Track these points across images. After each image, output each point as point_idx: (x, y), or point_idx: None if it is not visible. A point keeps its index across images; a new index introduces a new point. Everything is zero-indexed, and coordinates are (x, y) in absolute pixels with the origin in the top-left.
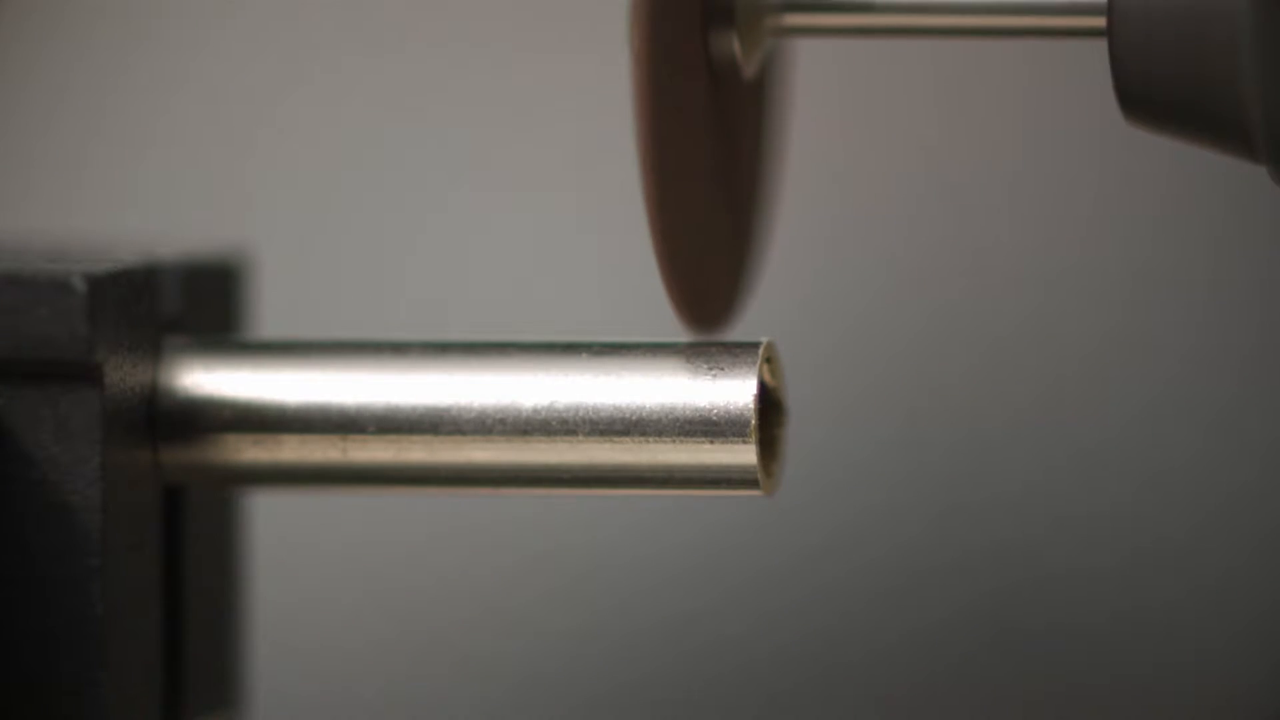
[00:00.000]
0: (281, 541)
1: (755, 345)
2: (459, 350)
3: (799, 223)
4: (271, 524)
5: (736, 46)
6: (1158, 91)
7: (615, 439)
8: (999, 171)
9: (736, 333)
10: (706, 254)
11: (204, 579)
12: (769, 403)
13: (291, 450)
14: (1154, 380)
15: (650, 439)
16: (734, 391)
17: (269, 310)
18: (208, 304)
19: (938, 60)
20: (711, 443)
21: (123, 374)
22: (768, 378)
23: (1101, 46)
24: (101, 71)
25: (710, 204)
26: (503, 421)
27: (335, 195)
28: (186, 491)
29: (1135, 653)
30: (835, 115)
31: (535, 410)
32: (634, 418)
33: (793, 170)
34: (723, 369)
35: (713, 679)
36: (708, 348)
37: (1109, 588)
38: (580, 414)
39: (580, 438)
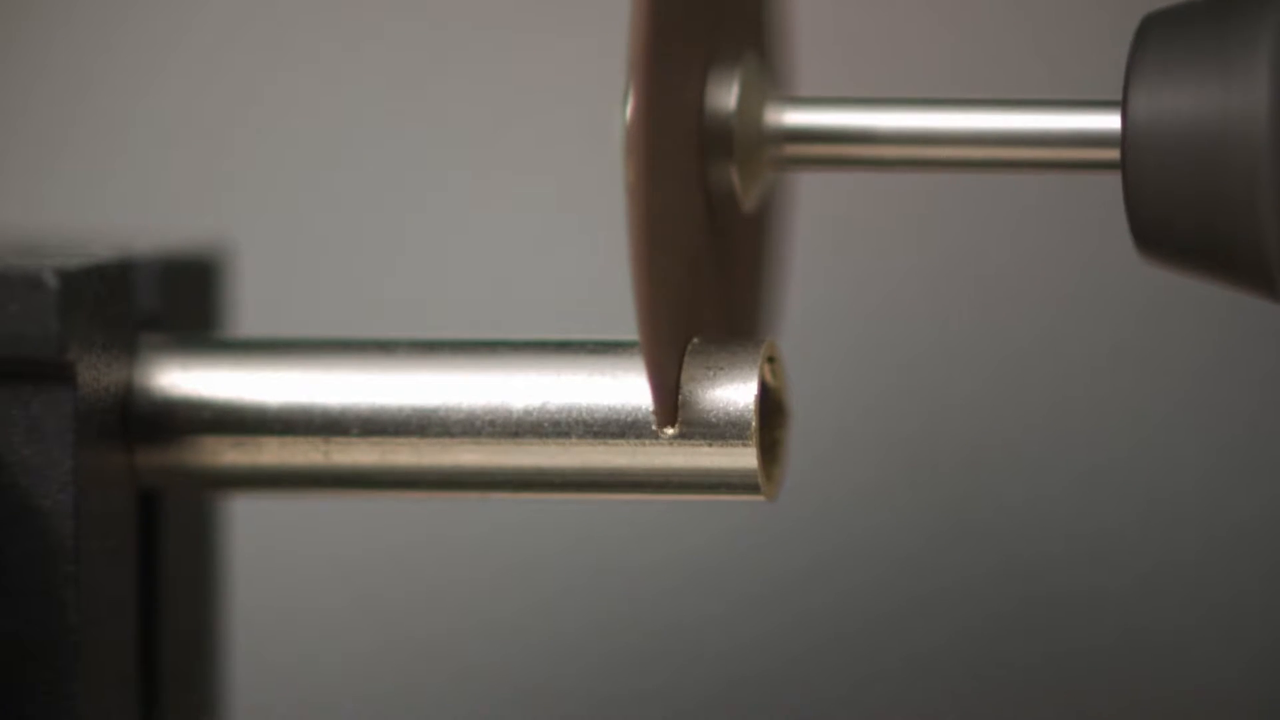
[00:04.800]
0: (262, 547)
1: (757, 345)
2: (447, 349)
3: (805, 235)
4: (252, 529)
5: (735, 179)
6: (1173, 226)
7: (610, 441)
8: (1008, 186)
9: None
10: None
11: (181, 586)
12: (771, 404)
13: (272, 453)
14: (1164, 399)
15: (647, 441)
16: (734, 392)
17: (249, 308)
18: (185, 301)
19: (952, 67)
20: (710, 445)
21: (97, 373)
22: (769, 378)
23: (1116, 181)
24: (79, 59)
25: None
26: (493, 423)
27: (318, 188)
28: (163, 496)
29: (1143, 674)
30: (844, 65)
31: (527, 411)
32: (630, 419)
33: (801, 73)
34: (722, 369)
35: (710, 693)
36: (707, 347)
37: (1117, 608)
38: (574, 415)
39: (574, 440)
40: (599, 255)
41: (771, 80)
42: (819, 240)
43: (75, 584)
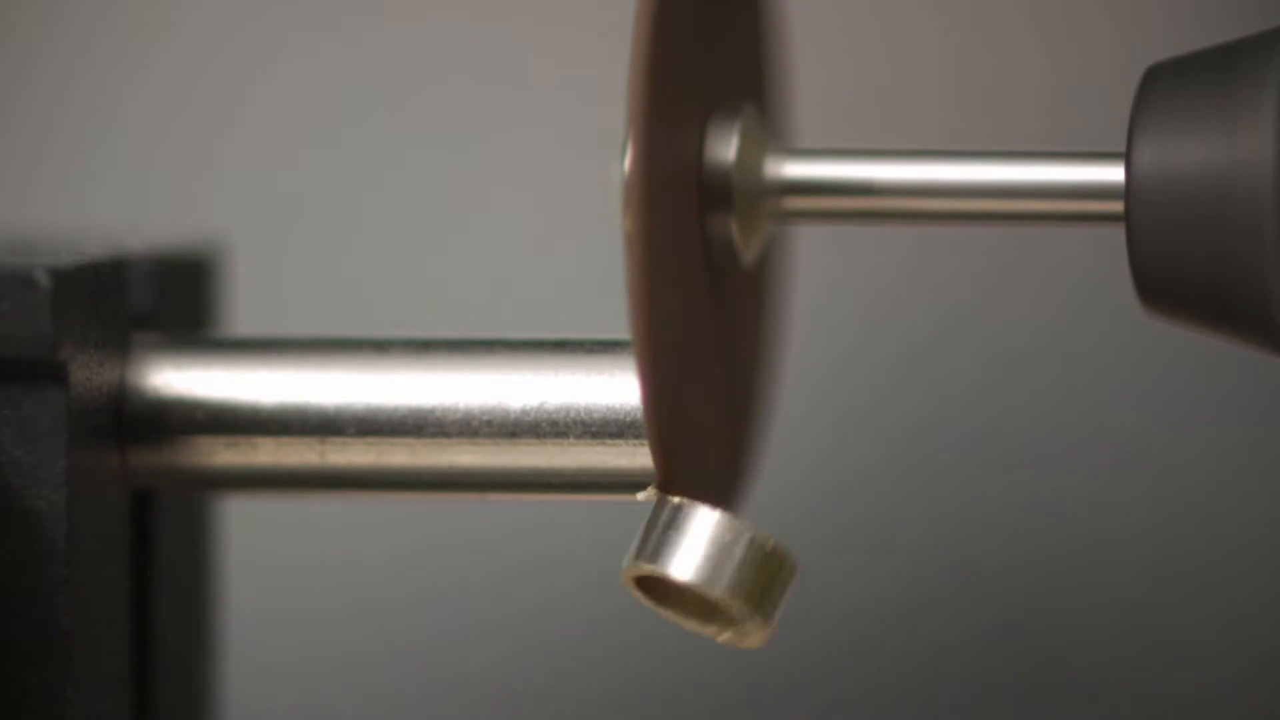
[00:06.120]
0: (257, 549)
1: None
2: (443, 348)
3: (805, 228)
4: (246, 531)
5: (735, 232)
6: (1177, 280)
7: (609, 442)
8: (1014, 118)
9: None
10: (705, 452)
11: (175, 588)
12: None
13: (267, 453)
14: (1170, 393)
15: (645, 442)
16: None
17: (243, 307)
18: (179, 300)
19: (955, 58)
20: None
21: (89, 373)
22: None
23: (1119, 234)
24: (72, 58)
25: (709, 399)
26: (490, 423)
27: (313, 186)
28: (156, 496)
29: (1150, 669)
30: (845, 117)
31: (524, 411)
32: (628, 419)
33: (801, 124)
34: None
35: (712, 695)
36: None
37: (1122, 604)
38: (571, 415)
39: (571, 440)
40: (597, 255)
41: (771, 132)
42: (818, 233)
43: (67, 586)
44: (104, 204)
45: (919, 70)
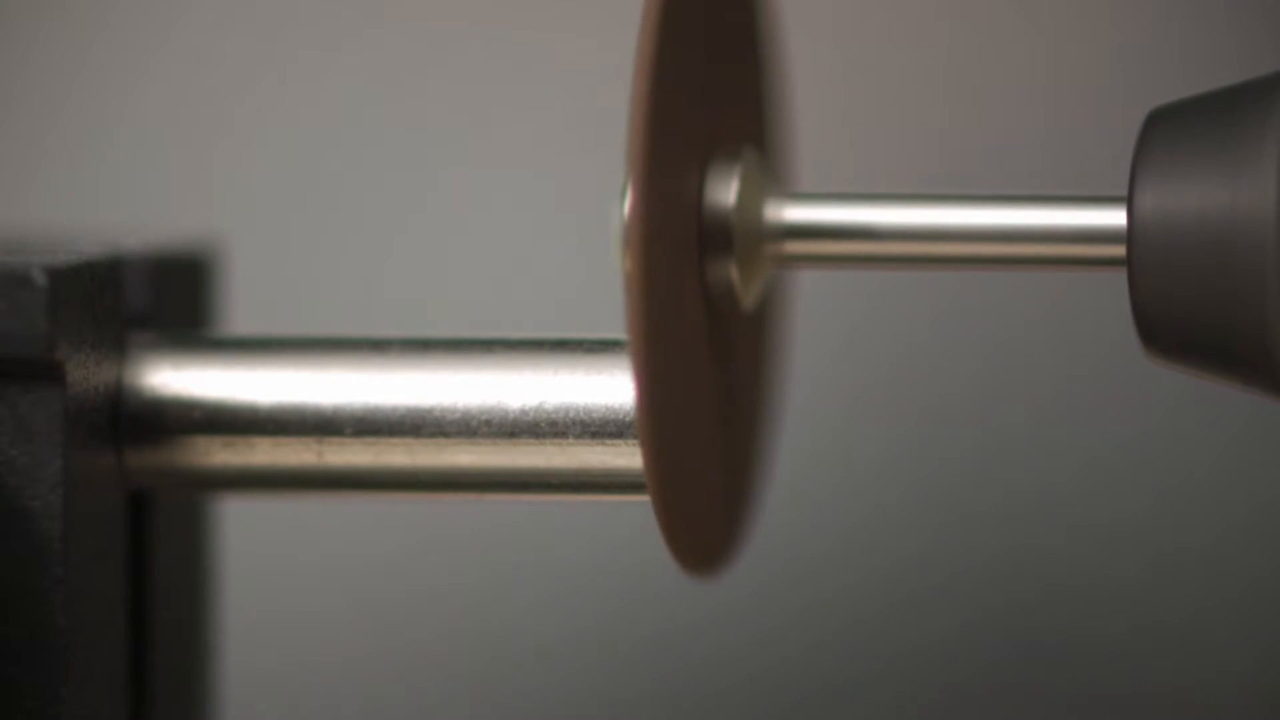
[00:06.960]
0: (254, 550)
1: None
2: (442, 348)
3: (806, 270)
4: (243, 531)
5: (735, 275)
6: (1180, 324)
7: (608, 442)
8: (1013, 165)
9: None
10: (705, 498)
11: (172, 589)
12: None
13: (264, 453)
14: (1176, 383)
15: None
16: None
17: (240, 306)
18: (176, 299)
19: (952, 46)
20: None
21: (86, 373)
22: None
23: (1121, 278)
24: (68, 56)
25: (709, 444)
26: (488, 423)
27: (311, 185)
28: (153, 496)
29: (1156, 664)
30: (846, 107)
31: (523, 411)
32: (627, 419)
33: (801, 168)
34: None
35: (711, 694)
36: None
37: (1129, 597)
38: (571, 415)
39: (570, 440)
40: (596, 254)
41: (771, 176)
42: None
43: (64, 586)
44: (100, 203)
45: (922, 114)
